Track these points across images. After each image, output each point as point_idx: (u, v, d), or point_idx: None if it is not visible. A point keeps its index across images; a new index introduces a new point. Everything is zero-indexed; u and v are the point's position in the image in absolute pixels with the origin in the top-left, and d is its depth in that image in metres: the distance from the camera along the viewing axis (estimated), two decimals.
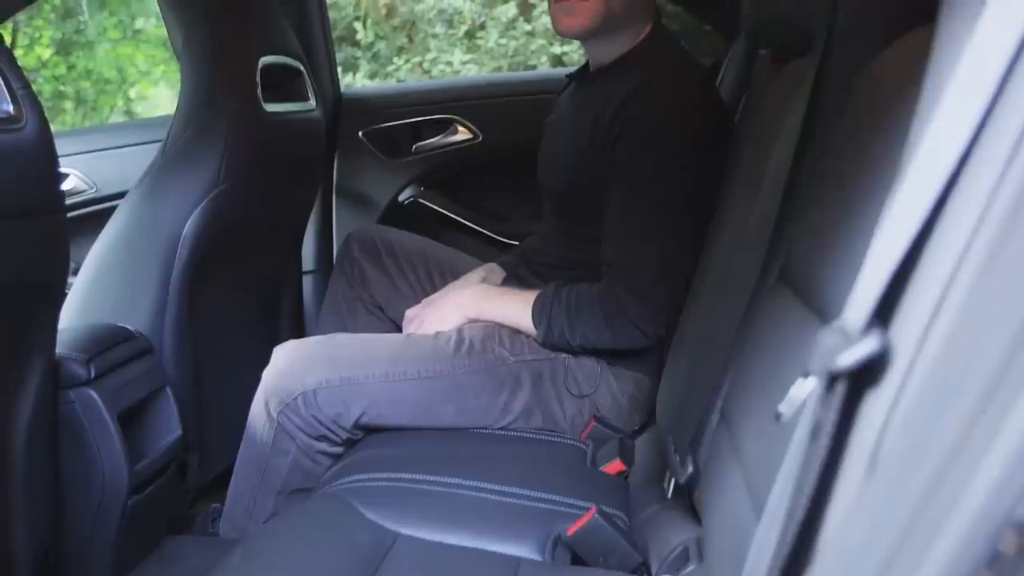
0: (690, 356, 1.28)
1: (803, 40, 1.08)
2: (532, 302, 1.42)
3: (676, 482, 1.14)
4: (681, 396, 1.25)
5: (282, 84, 1.74)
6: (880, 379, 0.43)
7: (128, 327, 1.50)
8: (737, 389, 1.00)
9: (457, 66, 5.51)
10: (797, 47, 1.13)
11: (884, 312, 0.45)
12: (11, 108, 1.02)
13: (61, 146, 1.17)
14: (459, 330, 1.47)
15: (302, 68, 1.80)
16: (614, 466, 1.30)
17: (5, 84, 1.02)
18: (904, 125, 0.57)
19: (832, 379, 0.44)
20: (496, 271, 1.71)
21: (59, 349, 1.32)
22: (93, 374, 1.35)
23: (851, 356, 0.42)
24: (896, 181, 0.52)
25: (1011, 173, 0.39)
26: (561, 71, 2.22)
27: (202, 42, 1.55)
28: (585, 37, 1.48)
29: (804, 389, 0.47)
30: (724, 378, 1.07)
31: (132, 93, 6.32)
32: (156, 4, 1.63)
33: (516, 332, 1.46)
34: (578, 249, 1.48)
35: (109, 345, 1.42)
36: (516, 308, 1.44)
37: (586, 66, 1.58)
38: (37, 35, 5.69)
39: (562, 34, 1.49)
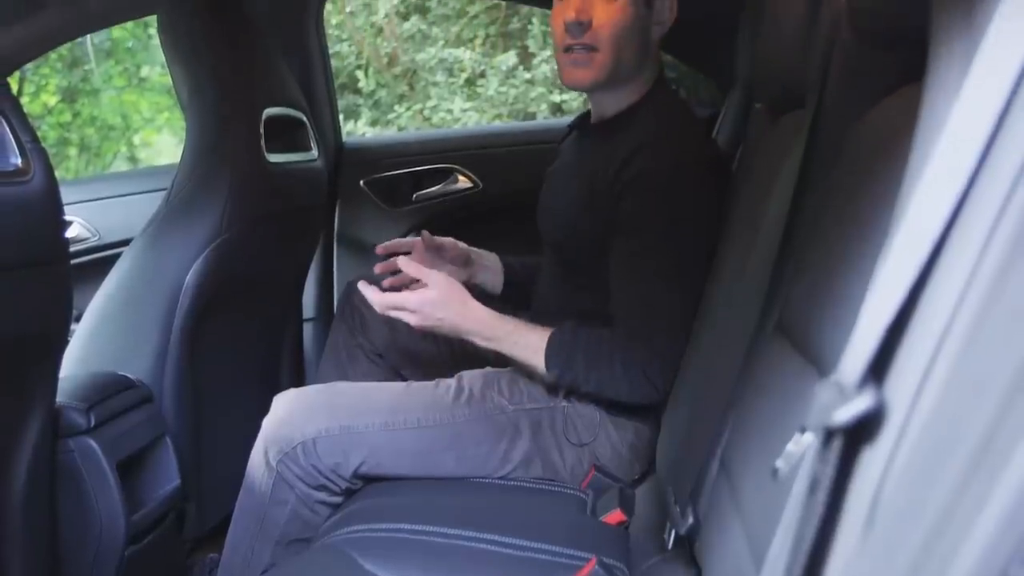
0: (690, 403, 1.28)
1: (797, 95, 1.10)
2: (545, 341, 1.37)
3: (676, 533, 1.13)
4: (681, 445, 1.25)
5: (285, 134, 1.76)
6: (876, 435, 0.44)
7: (129, 375, 1.50)
8: (737, 439, 1.00)
9: (457, 113, 5.57)
10: (791, 102, 1.15)
11: (879, 367, 0.45)
12: (19, 161, 1.04)
13: (65, 194, 1.19)
14: (458, 378, 1.47)
15: (305, 119, 1.83)
16: (614, 516, 1.29)
17: (14, 137, 1.04)
18: (896, 180, 0.57)
19: (829, 435, 0.45)
20: (496, 268, 1.70)
21: (59, 397, 1.32)
22: (93, 423, 1.35)
23: (846, 413, 0.43)
24: (890, 234, 0.53)
25: (1002, 226, 0.40)
26: (561, 121, 2.24)
27: (207, 94, 1.57)
28: (593, 90, 1.49)
29: (801, 444, 0.47)
30: (724, 427, 1.07)
31: (136, 140, 6.39)
32: (161, 54, 1.66)
33: (515, 380, 1.46)
34: (578, 298, 1.48)
35: (109, 394, 1.42)
36: (527, 349, 1.39)
37: (587, 115, 1.60)
38: (43, 83, 5.77)
39: (570, 86, 1.49)
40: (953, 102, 0.46)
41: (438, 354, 1.72)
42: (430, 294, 1.37)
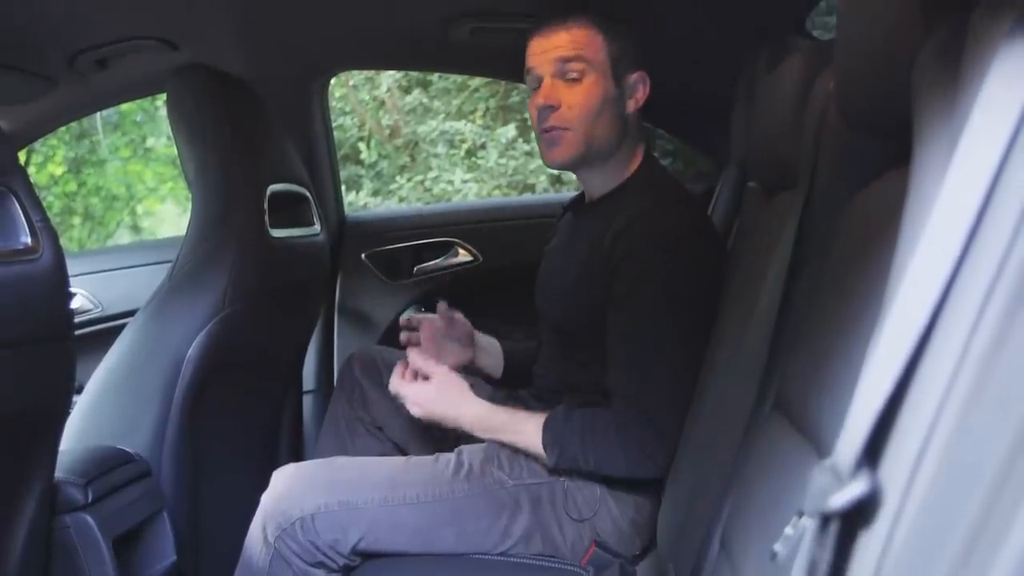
0: (691, 477, 1.27)
1: (790, 176, 1.13)
2: (541, 428, 1.39)
3: None
4: (682, 521, 1.24)
5: (288, 209, 1.79)
6: (872, 519, 0.44)
7: (127, 449, 1.49)
8: (737, 517, 1.00)
9: (458, 184, 5.65)
10: (784, 182, 1.18)
11: (873, 450, 0.46)
12: (29, 240, 1.05)
13: (70, 266, 1.20)
14: (458, 453, 1.47)
15: (308, 194, 1.85)
16: None
17: (24, 215, 1.06)
18: (887, 261, 0.59)
19: (825, 519, 0.45)
20: (497, 354, 1.76)
21: (58, 472, 1.31)
22: (91, 498, 1.34)
23: (842, 498, 0.43)
24: (881, 317, 0.54)
25: (989, 309, 0.41)
26: (560, 196, 2.27)
27: (213, 172, 1.60)
28: (572, 167, 1.53)
29: (799, 527, 0.47)
30: (724, 504, 1.06)
31: (139, 209, 6.45)
32: (167, 125, 1.68)
33: (515, 455, 1.45)
34: (577, 373, 1.49)
35: (108, 468, 1.41)
36: (525, 437, 1.41)
37: (582, 196, 1.62)
38: (51, 154, 5.86)
39: (550, 166, 1.53)
40: (939, 186, 0.47)
41: (438, 428, 1.72)
42: (428, 389, 1.43)
